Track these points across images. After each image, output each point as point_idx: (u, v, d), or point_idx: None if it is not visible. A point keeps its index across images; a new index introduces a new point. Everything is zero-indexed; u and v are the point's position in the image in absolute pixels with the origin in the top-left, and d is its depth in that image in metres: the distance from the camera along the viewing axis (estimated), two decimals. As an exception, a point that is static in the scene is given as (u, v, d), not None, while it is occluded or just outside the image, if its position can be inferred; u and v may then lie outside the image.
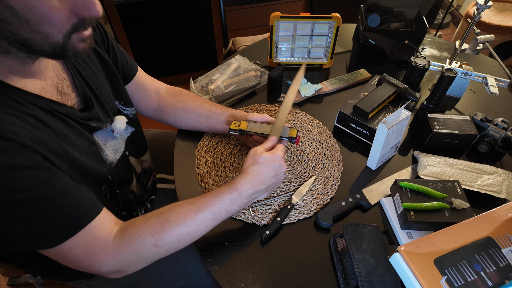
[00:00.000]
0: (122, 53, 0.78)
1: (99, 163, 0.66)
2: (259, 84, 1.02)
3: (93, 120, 0.65)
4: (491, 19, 1.96)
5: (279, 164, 0.66)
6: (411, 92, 0.90)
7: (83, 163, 0.60)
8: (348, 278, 0.60)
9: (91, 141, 0.65)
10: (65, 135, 0.58)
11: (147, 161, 0.90)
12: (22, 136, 0.48)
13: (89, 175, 0.62)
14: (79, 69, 0.65)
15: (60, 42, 0.49)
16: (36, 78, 0.56)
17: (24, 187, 0.48)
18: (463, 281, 0.51)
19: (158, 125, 1.88)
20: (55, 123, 0.56)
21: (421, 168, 0.78)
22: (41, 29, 0.47)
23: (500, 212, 0.59)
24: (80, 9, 0.48)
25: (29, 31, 0.46)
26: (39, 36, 0.47)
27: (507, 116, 0.94)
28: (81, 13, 0.49)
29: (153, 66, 2.06)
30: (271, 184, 0.66)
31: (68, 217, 0.52)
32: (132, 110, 0.80)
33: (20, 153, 0.47)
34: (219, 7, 1.48)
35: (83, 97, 0.65)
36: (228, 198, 0.62)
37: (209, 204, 0.61)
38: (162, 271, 0.80)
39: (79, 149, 0.60)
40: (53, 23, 0.47)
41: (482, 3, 0.89)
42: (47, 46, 0.49)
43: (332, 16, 0.98)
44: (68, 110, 0.60)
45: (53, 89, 0.59)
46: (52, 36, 0.48)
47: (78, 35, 0.51)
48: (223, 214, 0.62)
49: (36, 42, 0.48)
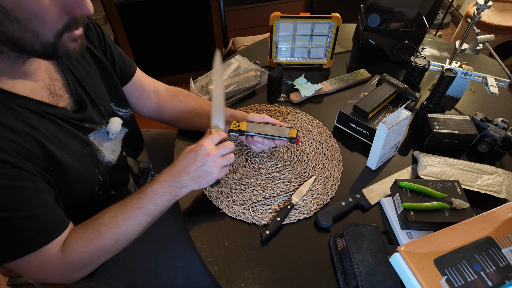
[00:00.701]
0: (119, 54, 0.78)
1: (93, 164, 0.67)
2: (259, 84, 1.02)
3: (86, 121, 0.65)
4: (491, 19, 1.96)
5: (201, 153, 0.63)
6: (411, 92, 0.90)
7: (72, 167, 0.60)
8: (348, 278, 0.60)
9: (85, 142, 0.65)
10: (56, 137, 0.58)
11: (144, 161, 0.90)
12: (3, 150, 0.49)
13: (79, 178, 0.63)
14: (73, 71, 0.65)
15: (51, 41, 0.49)
16: (27, 79, 0.56)
17: None
18: (463, 281, 0.51)
19: (158, 125, 1.88)
20: (45, 126, 0.56)
21: (421, 168, 0.78)
22: (32, 27, 0.46)
23: (500, 212, 0.59)
24: (71, 7, 0.48)
25: (19, 30, 0.46)
26: (29, 35, 0.47)
27: (507, 116, 0.94)
28: (73, 12, 0.49)
29: (153, 66, 2.06)
30: (198, 174, 0.63)
31: (29, 238, 0.54)
32: (127, 111, 0.80)
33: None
34: (219, 7, 1.48)
35: (77, 98, 0.64)
36: (150, 190, 0.63)
37: (135, 201, 0.62)
38: (161, 271, 0.80)
39: (71, 152, 0.61)
40: (43, 22, 0.47)
41: (482, 3, 0.89)
42: (38, 45, 0.49)
43: (332, 16, 0.98)
44: (60, 111, 0.60)
45: (44, 90, 0.58)
46: (43, 35, 0.48)
47: (69, 34, 0.51)
48: (152, 208, 0.63)
49: (27, 41, 0.48)
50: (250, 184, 0.77)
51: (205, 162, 0.63)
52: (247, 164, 0.81)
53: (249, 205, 0.73)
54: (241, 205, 0.73)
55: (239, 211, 0.72)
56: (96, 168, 0.67)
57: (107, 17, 1.75)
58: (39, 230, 0.55)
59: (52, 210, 0.57)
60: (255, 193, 0.76)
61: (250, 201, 0.74)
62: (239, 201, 0.74)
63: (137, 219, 0.62)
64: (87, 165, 0.65)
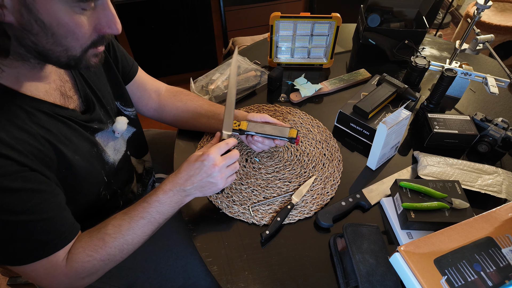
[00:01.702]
0: (122, 53, 0.78)
1: (100, 165, 0.67)
2: (259, 84, 1.02)
3: (94, 121, 0.65)
4: (491, 19, 1.96)
5: (208, 164, 0.62)
6: (411, 92, 0.90)
7: (82, 168, 0.61)
8: (348, 278, 0.60)
9: (93, 143, 0.65)
10: (68, 139, 0.58)
11: (149, 161, 0.90)
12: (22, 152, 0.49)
13: (88, 179, 0.63)
14: (81, 71, 0.65)
15: (77, 56, 0.51)
16: (41, 81, 0.57)
17: (16, 209, 0.49)
18: (463, 281, 0.51)
19: (158, 125, 1.88)
20: (58, 127, 0.57)
21: (421, 168, 0.78)
22: (65, 42, 0.48)
23: (500, 212, 0.59)
24: (102, 26, 0.50)
25: (51, 43, 0.47)
26: (59, 48, 0.48)
27: (507, 116, 0.94)
28: (103, 30, 0.50)
29: (153, 66, 2.06)
30: (203, 184, 0.63)
31: (45, 241, 0.54)
32: (132, 111, 0.80)
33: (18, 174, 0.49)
34: (219, 7, 1.48)
35: (85, 99, 0.65)
36: (154, 199, 0.63)
37: (140, 211, 0.62)
38: (161, 271, 0.80)
39: (82, 153, 0.61)
40: (77, 38, 0.48)
41: (482, 3, 0.89)
42: (64, 58, 0.50)
43: (332, 16, 0.98)
44: (70, 113, 0.60)
45: (56, 92, 0.59)
46: (72, 50, 0.49)
47: (94, 50, 0.52)
48: (157, 217, 0.63)
49: (55, 53, 0.49)
50: (250, 184, 0.77)
51: (211, 173, 0.62)
52: (247, 164, 0.81)
53: (249, 205, 0.73)
54: (241, 205, 0.73)
55: (239, 211, 0.72)
56: (102, 169, 0.68)
57: (107, 17, 1.75)
58: (55, 233, 0.55)
59: (66, 214, 0.58)
60: (255, 193, 0.76)
61: (250, 201, 0.74)
62: (239, 201, 0.74)
63: (142, 228, 0.62)
64: (95, 165, 0.65)
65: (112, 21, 0.50)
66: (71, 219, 0.59)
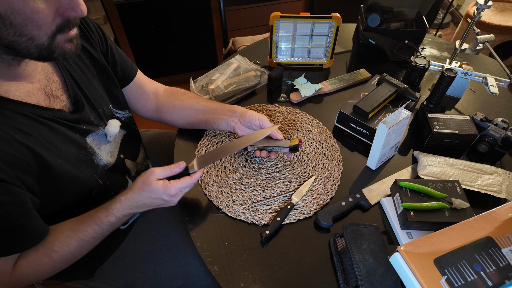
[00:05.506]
0: (121, 55, 0.78)
1: (89, 168, 0.66)
2: (259, 84, 1.02)
3: (83, 122, 0.65)
4: (491, 19, 1.96)
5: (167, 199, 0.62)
6: (411, 92, 0.90)
7: (67, 172, 0.60)
8: (348, 278, 0.60)
9: (81, 146, 0.64)
10: (51, 142, 0.58)
11: (142, 163, 0.90)
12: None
13: (74, 183, 0.63)
14: (71, 72, 0.65)
15: (45, 44, 0.49)
16: (23, 81, 0.55)
17: None
18: (463, 281, 0.51)
19: (158, 125, 1.88)
20: (39, 131, 0.56)
21: (421, 168, 0.78)
22: (26, 31, 0.46)
23: (500, 212, 0.59)
24: (65, 9, 0.48)
25: (13, 34, 0.46)
26: (23, 38, 0.47)
27: (507, 116, 0.94)
28: (66, 14, 0.49)
29: (153, 66, 2.05)
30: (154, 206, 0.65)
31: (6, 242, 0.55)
32: (125, 113, 0.80)
33: None
34: (219, 7, 1.48)
35: (74, 99, 0.64)
36: (106, 223, 0.63)
37: (90, 232, 0.63)
38: (161, 271, 0.80)
39: (66, 156, 0.60)
40: (38, 26, 0.47)
41: (482, 3, 0.89)
42: (33, 48, 0.49)
43: (332, 16, 0.98)
44: (56, 113, 0.59)
45: (40, 92, 0.58)
46: (38, 38, 0.48)
47: (63, 35, 0.51)
48: (106, 233, 0.65)
49: (21, 44, 0.47)
50: (250, 184, 0.77)
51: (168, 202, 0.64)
52: (247, 164, 0.81)
53: (249, 205, 0.73)
54: (241, 205, 0.73)
55: (239, 211, 0.72)
56: (93, 172, 0.67)
57: (107, 17, 1.75)
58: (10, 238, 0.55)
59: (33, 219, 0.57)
60: (255, 193, 0.76)
61: (250, 201, 0.74)
62: (239, 201, 0.74)
63: (91, 244, 0.65)
64: (82, 169, 0.64)
65: (74, 2, 0.48)
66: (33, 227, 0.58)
